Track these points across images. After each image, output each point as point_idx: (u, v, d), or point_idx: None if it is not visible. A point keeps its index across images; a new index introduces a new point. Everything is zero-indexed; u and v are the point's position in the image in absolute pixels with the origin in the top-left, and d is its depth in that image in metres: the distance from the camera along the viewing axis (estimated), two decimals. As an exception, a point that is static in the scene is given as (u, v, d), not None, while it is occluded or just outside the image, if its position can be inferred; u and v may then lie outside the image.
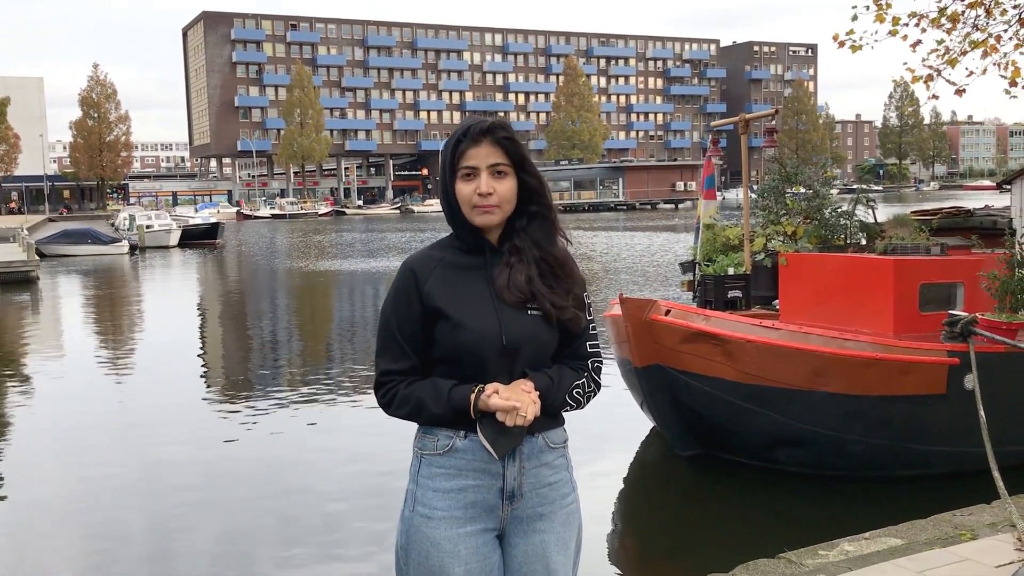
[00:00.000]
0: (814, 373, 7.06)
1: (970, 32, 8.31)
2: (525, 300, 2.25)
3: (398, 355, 2.27)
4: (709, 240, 10.60)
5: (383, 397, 2.29)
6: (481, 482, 2.25)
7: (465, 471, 2.25)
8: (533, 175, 2.31)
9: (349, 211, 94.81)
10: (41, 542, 6.87)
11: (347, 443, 9.23)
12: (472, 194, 2.24)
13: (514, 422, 2.15)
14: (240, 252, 41.56)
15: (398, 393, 2.26)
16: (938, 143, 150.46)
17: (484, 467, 2.24)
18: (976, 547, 4.51)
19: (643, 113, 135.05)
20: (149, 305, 23.23)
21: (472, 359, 2.22)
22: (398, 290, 2.29)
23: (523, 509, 2.30)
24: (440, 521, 2.24)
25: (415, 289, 2.26)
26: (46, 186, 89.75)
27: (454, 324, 2.22)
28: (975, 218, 10.06)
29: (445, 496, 2.25)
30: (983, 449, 6.10)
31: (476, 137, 2.26)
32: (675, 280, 20.04)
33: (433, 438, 2.28)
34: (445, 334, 2.23)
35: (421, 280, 2.26)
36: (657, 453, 8.65)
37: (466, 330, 2.21)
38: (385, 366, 2.28)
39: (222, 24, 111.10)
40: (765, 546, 5.09)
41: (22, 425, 10.44)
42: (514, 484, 2.27)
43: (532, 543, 2.31)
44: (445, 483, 2.25)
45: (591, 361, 2.38)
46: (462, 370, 2.24)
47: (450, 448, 2.25)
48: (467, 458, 2.24)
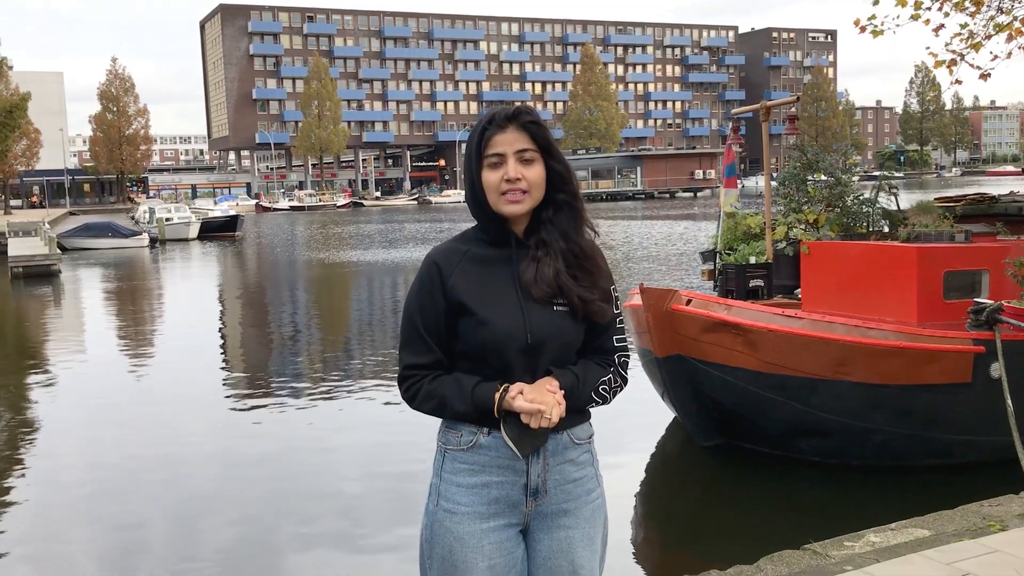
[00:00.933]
0: (837, 362, 6.98)
1: (994, 15, 8.19)
2: (552, 295, 2.21)
3: (422, 349, 2.24)
4: (730, 228, 10.52)
5: (407, 391, 2.26)
6: (505, 478, 2.23)
7: (489, 467, 2.22)
8: (560, 161, 2.27)
9: (367, 202, 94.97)
10: (62, 532, 6.92)
11: (367, 434, 9.24)
12: (499, 181, 2.20)
13: (538, 424, 2.12)
14: (259, 244, 41.73)
15: (422, 388, 2.23)
16: (960, 128, 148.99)
17: (508, 463, 2.22)
18: (1006, 538, 4.44)
19: (661, 101, 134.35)
20: (169, 298, 23.36)
21: (496, 356, 2.19)
22: (422, 283, 2.25)
23: (547, 505, 2.27)
24: (464, 516, 2.22)
25: (439, 283, 2.22)
26: (67, 180, 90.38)
27: (479, 321, 2.18)
28: (1000, 204, 9.91)
29: (469, 491, 2.23)
30: (1010, 438, 6.04)
31: (502, 123, 2.22)
32: (696, 269, 19.95)
33: (457, 433, 2.25)
34: (469, 330, 2.20)
35: (446, 274, 2.22)
36: (678, 443, 8.60)
37: (490, 327, 2.18)
38: (409, 360, 2.25)
39: (239, 17, 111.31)
40: (789, 537, 5.05)
41: (44, 417, 10.51)
42: (538, 481, 2.24)
43: (557, 539, 2.28)
44: (469, 478, 2.23)
45: (618, 356, 2.33)
46: (486, 366, 2.21)
47: (473, 444, 2.22)
48: (491, 454, 2.21)
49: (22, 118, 60.99)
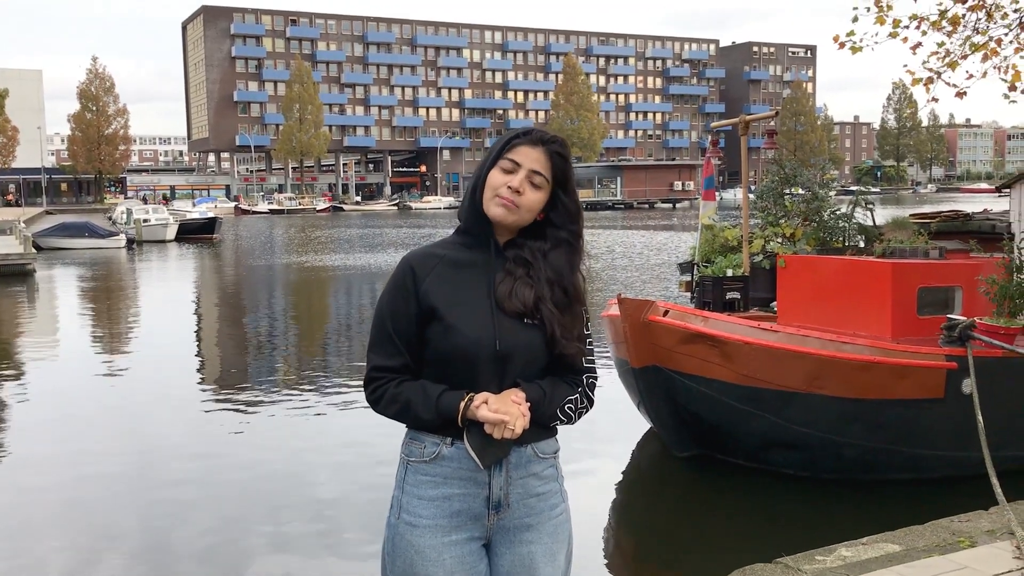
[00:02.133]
0: (811, 376, 7.03)
1: (970, 35, 8.29)
2: (524, 313, 2.21)
3: (391, 351, 2.23)
4: (708, 241, 10.58)
5: (372, 393, 2.25)
6: (467, 491, 2.21)
7: (451, 479, 2.21)
8: (572, 199, 2.28)
9: (347, 207, 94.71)
10: (35, 535, 6.83)
11: (343, 439, 9.20)
12: (502, 185, 2.21)
13: (501, 435, 2.11)
14: (237, 247, 41.50)
15: (387, 391, 2.22)
16: (936, 145, 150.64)
17: (470, 475, 2.20)
18: (975, 554, 4.48)
19: (642, 112, 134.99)
20: (145, 300, 23.17)
21: (463, 363, 2.18)
22: (396, 285, 2.25)
23: (509, 519, 2.26)
24: (425, 529, 2.21)
25: (412, 286, 2.22)
26: (44, 179, 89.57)
27: (448, 326, 2.18)
28: (974, 222, 10.04)
29: (430, 504, 2.21)
30: (981, 454, 6.09)
31: (535, 141, 2.25)
32: (673, 280, 20.03)
33: (420, 445, 2.24)
34: (438, 335, 2.19)
35: (420, 277, 2.22)
36: (653, 454, 8.62)
37: (459, 334, 2.17)
38: (377, 362, 2.24)
39: (222, 18, 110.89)
40: (762, 550, 5.07)
41: (17, 418, 10.39)
42: (500, 494, 2.23)
43: (519, 554, 2.27)
44: (431, 491, 2.22)
45: (586, 377, 2.33)
46: (453, 373, 2.20)
47: (436, 455, 2.21)
48: (453, 466, 2.20)
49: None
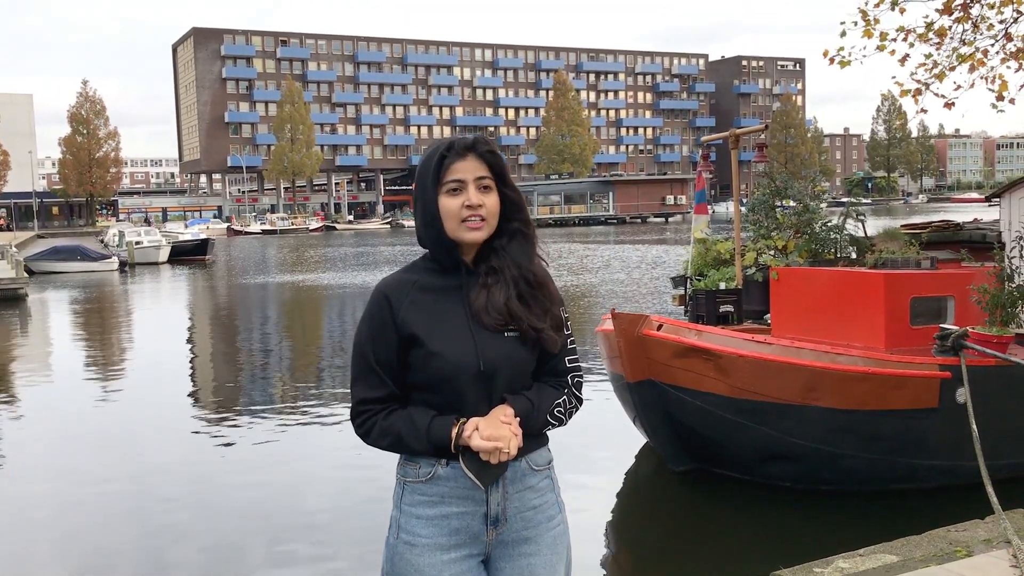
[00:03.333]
0: (806, 388, 7.04)
1: (957, 47, 8.36)
2: (503, 323, 2.21)
3: (374, 383, 2.21)
4: (700, 254, 10.60)
5: (361, 427, 2.23)
6: (465, 508, 2.21)
7: (448, 498, 2.20)
8: (513, 189, 2.29)
9: (340, 226, 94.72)
10: (31, 558, 6.79)
11: (338, 458, 9.16)
12: (460, 208, 2.19)
13: (498, 460, 2.11)
14: (230, 268, 41.44)
15: (376, 424, 2.20)
16: (926, 156, 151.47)
17: (468, 494, 2.20)
18: (971, 564, 4.48)
19: (633, 127, 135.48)
20: (139, 322, 23.11)
21: (449, 386, 2.18)
22: (372, 316, 2.22)
23: (508, 533, 2.26)
24: (424, 548, 2.20)
25: (389, 315, 2.20)
26: (35, 203, 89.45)
27: (429, 352, 2.17)
28: (964, 232, 10.08)
29: (429, 523, 2.21)
30: (976, 463, 6.10)
31: (462, 151, 2.22)
32: (667, 294, 20.05)
33: (415, 465, 2.23)
34: (420, 361, 2.18)
35: (395, 306, 2.20)
36: (650, 468, 8.61)
37: (442, 357, 2.16)
38: (361, 395, 2.22)
39: (212, 40, 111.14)
40: (759, 563, 5.07)
41: (11, 441, 10.34)
42: (498, 509, 2.23)
43: (519, 567, 2.27)
44: (428, 510, 2.21)
45: (571, 377, 2.34)
46: (439, 396, 2.19)
47: (432, 476, 2.21)
48: (450, 485, 2.20)
49: (-10, 140, 60.44)
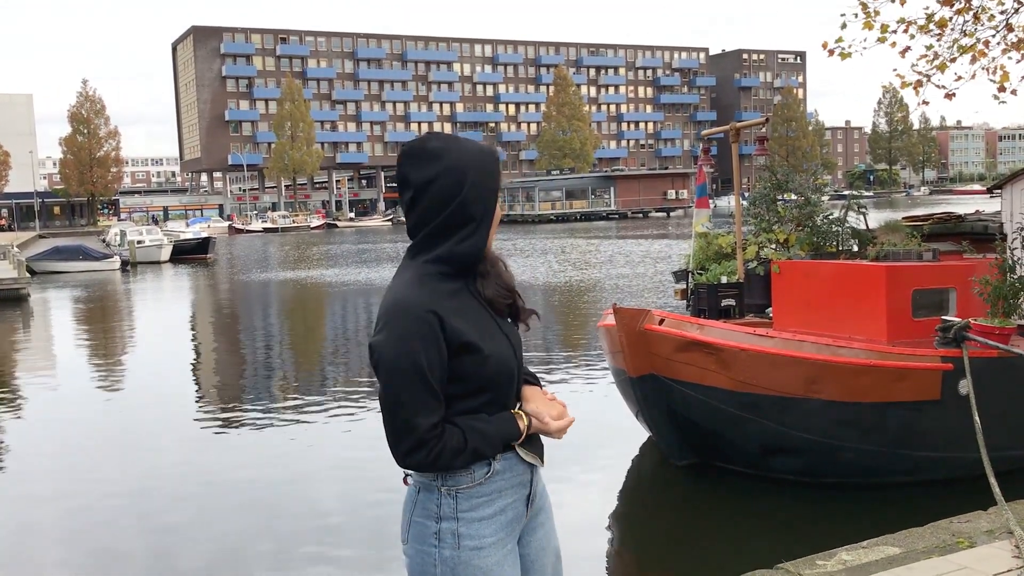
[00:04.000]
0: (808, 381, 7.04)
1: (958, 38, 8.34)
2: (509, 303, 2.30)
3: (434, 406, 2.12)
4: (702, 248, 10.60)
5: (428, 455, 2.11)
6: (516, 496, 2.28)
7: (505, 491, 2.25)
8: None
9: (341, 223, 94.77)
10: (37, 559, 6.81)
11: (343, 457, 9.18)
12: (499, 215, 2.31)
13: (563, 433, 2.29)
14: (232, 266, 41.46)
15: (446, 447, 2.12)
16: (927, 148, 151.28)
17: (519, 480, 2.28)
18: (974, 555, 4.48)
19: (633, 122, 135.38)
20: (141, 321, 23.14)
21: (497, 385, 2.21)
22: (424, 337, 2.10)
23: (534, 509, 2.35)
24: (491, 548, 2.22)
25: (440, 332, 2.12)
26: (36, 203, 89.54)
27: (484, 355, 2.17)
28: (966, 223, 10.07)
29: (491, 522, 2.23)
30: (978, 455, 6.10)
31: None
32: (668, 289, 20.04)
33: (466, 472, 2.20)
34: (473, 367, 2.16)
35: (444, 319, 2.13)
36: (652, 463, 8.62)
37: (494, 358, 2.19)
38: (425, 421, 2.10)
39: (212, 38, 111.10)
40: (762, 556, 5.06)
41: (14, 443, 10.35)
42: (535, 488, 2.34)
43: (539, 537, 2.37)
44: (488, 509, 2.22)
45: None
46: (488, 395, 2.20)
47: (491, 474, 2.22)
48: (506, 476, 2.25)
49: (-9, 140, 60.47)
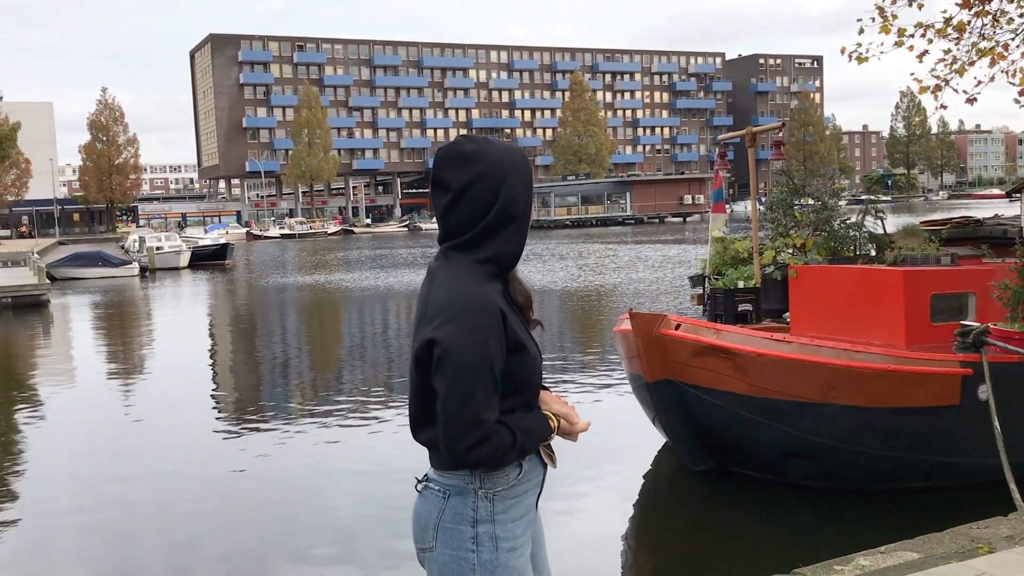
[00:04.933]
0: (826, 386, 7.01)
1: (977, 41, 8.31)
2: (530, 307, 2.35)
3: (497, 402, 2.15)
4: (718, 253, 10.57)
5: (490, 449, 2.12)
6: (534, 496, 2.33)
7: (529, 491, 2.30)
8: None
9: (358, 230, 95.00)
10: (54, 565, 6.86)
11: (360, 461, 9.21)
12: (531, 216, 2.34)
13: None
14: (250, 272, 41.66)
15: (503, 442, 2.14)
16: (946, 152, 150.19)
17: (537, 480, 2.33)
18: (994, 560, 4.46)
19: (649, 127, 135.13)
20: (160, 327, 23.28)
21: (531, 386, 2.26)
22: (491, 331, 2.13)
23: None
24: (522, 548, 2.28)
25: (503, 327, 2.16)
26: (56, 210, 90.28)
27: (530, 356, 2.24)
28: (985, 228, 10.01)
29: (521, 522, 2.28)
30: (998, 460, 6.05)
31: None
32: (685, 294, 20.00)
33: (503, 474, 2.23)
34: (519, 367, 2.21)
35: (507, 319, 2.19)
36: (669, 468, 8.60)
37: (535, 359, 2.26)
38: (493, 416, 2.13)
39: (229, 46, 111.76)
40: (779, 561, 5.05)
41: (35, 448, 10.44)
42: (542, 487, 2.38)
43: (536, 528, 2.42)
44: (518, 511, 2.28)
45: None
46: (524, 396, 2.25)
47: (521, 475, 2.27)
48: (531, 475, 2.30)
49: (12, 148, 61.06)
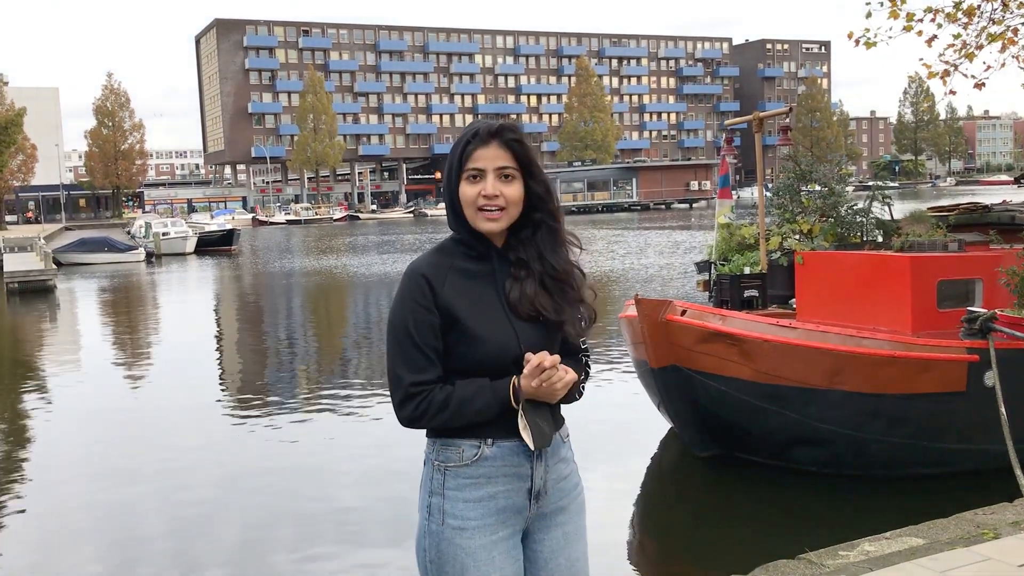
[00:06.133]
0: (832, 372, 7.01)
1: (987, 26, 8.25)
2: (535, 315, 2.24)
3: (423, 364, 2.17)
4: (725, 239, 10.55)
5: (415, 410, 2.17)
6: (511, 486, 2.24)
7: (495, 478, 2.23)
8: (540, 181, 2.26)
9: (363, 215, 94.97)
10: (62, 549, 6.90)
11: (364, 446, 9.23)
12: (476, 196, 2.19)
13: (550, 377, 2.13)
14: (256, 258, 41.71)
15: (433, 401, 2.16)
16: (954, 138, 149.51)
17: (513, 471, 2.23)
18: (999, 546, 4.46)
19: (656, 113, 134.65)
20: (166, 312, 23.34)
21: (491, 370, 2.19)
22: (413, 297, 2.18)
23: (547, 506, 2.31)
24: (474, 531, 2.22)
25: (431, 296, 2.17)
26: (62, 195, 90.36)
27: (473, 337, 2.18)
28: (992, 213, 9.97)
29: (476, 505, 2.22)
30: (1004, 447, 6.06)
31: (485, 138, 2.21)
32: (691, 280, 19.97)
33: (457, 449, 2.22)
34: (462, 346, 2.19)
35: (436, 287, 2.18)
36: (674, 454, 8.61)
37: (486, 343, 2.18)
38: (414, 378, 2.16)
39: (235, 31, 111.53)
40: (785, 547, 5.06)
41: (41, 433, 10.49)
42: (540, 483, 2.27)
43: (554, 537, 2.33)
44: (474, 492, 2.22)
45: (583, 355, 2.40)
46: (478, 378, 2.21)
47: (478, 457, 2.22)
48: (496, 464, 2.22)
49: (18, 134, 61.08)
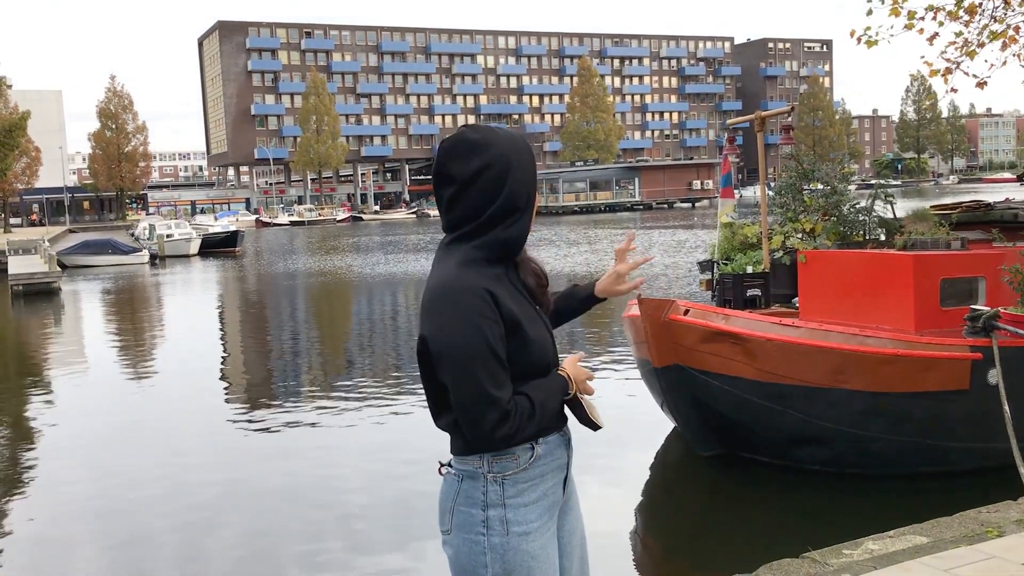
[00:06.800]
0: (835, 371, 7.01)
1: (988, 24, 8.25)
2: (544, 287, 2.37)
3: (506, 380, 2.17)
4: (727, 238, 10.55)
5: (511, 427, 2.16)
6: (556, 480, 2.32)
7: (546, 475, 2.29)
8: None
9: (366, 216, 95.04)
10: (68, 551, 6.92)
11: (371, 449, 9.24)
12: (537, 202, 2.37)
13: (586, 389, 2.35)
14: (260, 259, 41.75)
15: (523, 413, 2.18)
16: (956, 136, 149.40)
17: (557, 464, 2.31)
18: (1003, 544, 4.46)
19: (658, 112, 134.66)
20: (170, 314, 23.37)
21: (539, 373, 2.26)
22: (481, 314, 2.15)
23: (567, 491, 2.39)
24: (536, 533, 2.26)
25: (496, 308, 2.17)
26: (66, 198, 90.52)
27: (529, 341, 2.23)
28: (995, 211, 9.96)
29: (535, 507, 2.27)
30: (1008, 445, 6.06)
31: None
32: (694, 279, 19.99)
33: (512, 457, 2.24)
34: (518, 351, 2.21)
35: (499, 299, 2.19)
36: (678, 453, 8.62)
37: (538, 346, 2.25)
38: (503, 394, 2.15)
39: (237, 33, 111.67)
40: (789, 545, 5.06)
41: (46, 435, 10.51)
42: (569, 471, 2.37)
43: (567, 520, 2.41)
44: (533, 495, 2.27)
45: None
46: (531, 380, 2.25)
47: (534, 458, 2.26)
48: (547, 460, 2.29)
49: (21, 137, 61.10)
